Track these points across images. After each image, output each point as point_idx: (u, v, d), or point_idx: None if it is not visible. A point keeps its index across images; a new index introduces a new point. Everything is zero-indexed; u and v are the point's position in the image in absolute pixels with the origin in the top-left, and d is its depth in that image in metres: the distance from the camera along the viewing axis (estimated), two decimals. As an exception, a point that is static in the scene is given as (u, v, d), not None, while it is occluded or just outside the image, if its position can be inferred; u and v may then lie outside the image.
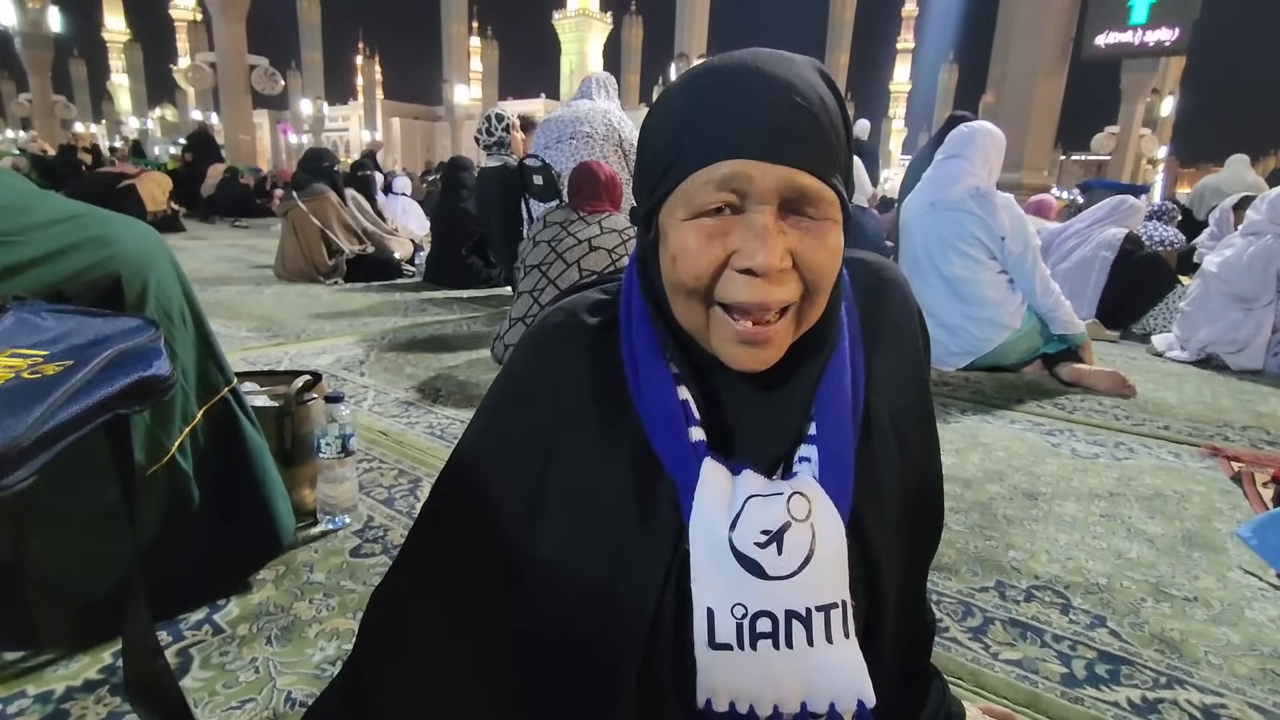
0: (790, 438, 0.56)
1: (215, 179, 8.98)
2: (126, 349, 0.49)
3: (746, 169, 0.47)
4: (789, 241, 0.49)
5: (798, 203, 0.49)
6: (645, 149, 0.55)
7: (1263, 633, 1.05)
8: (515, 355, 0.61)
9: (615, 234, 2.20)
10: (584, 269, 2.16)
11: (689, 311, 0.52)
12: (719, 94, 0.49)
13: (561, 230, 2.23)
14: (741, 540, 0.50)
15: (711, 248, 0.49)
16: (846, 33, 32.80)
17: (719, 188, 0.48)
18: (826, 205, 0.49)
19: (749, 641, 0.50)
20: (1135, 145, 19.69)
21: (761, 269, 0.47)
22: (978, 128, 2.57)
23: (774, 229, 0.48)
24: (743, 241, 0.48)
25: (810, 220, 0.49)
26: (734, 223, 0.49)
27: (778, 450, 0.56)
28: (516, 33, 51.78)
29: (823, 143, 0.49)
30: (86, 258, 0.78)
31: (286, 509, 1.10)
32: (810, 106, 0.49)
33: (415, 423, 1.84)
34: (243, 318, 3.12)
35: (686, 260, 0.50)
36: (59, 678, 0.85)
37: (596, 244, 2.17)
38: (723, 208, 0.49)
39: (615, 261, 2.17)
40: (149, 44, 42.29)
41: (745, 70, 0.49)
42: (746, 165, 0.47)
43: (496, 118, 3.81)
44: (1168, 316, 3.45)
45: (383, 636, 0.62)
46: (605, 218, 2.24)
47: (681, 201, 0.50)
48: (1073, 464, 1.73)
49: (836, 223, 0.50)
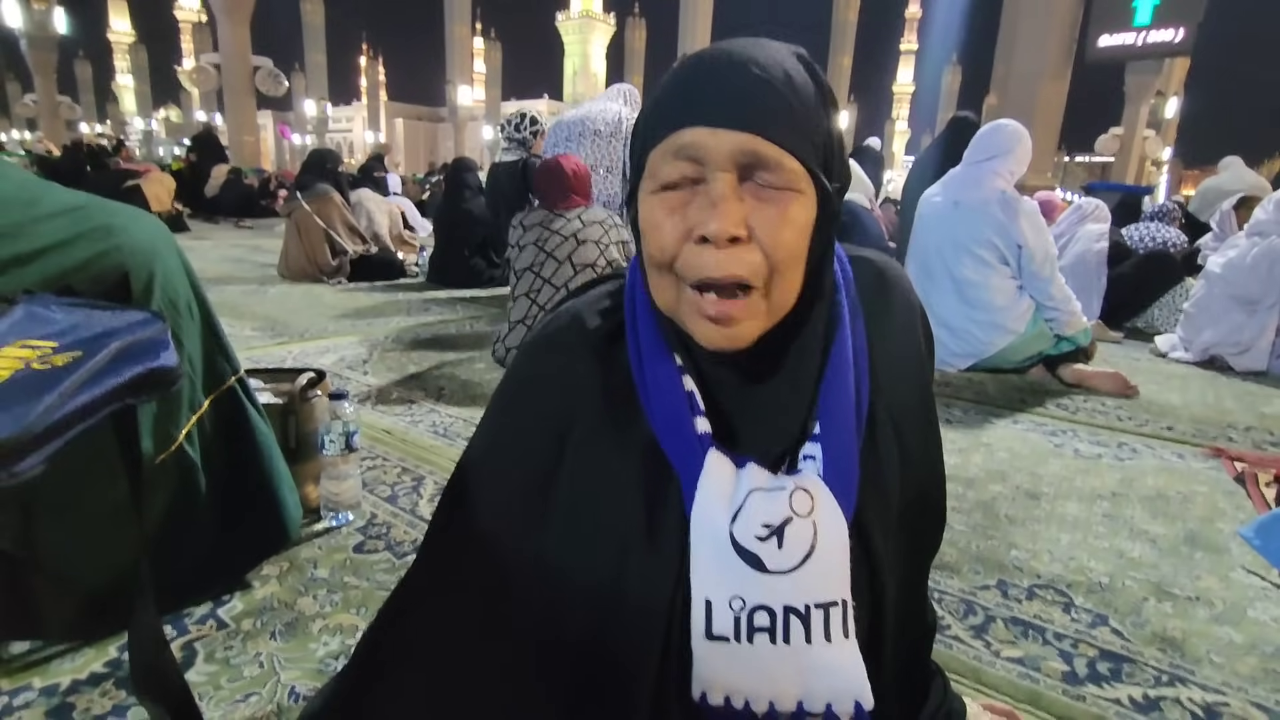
0: (794, 435, 0.55)
1: (219, 180, 9.01)
2: (134, 340, 0.49)
3: (700, 136, 0.48)
4: (746, 210, 0.49)
5: (754, 169, 0.49)
6: (631, 139, 0.57)
7: (1265, 632, 1.05)
8: (521, 358, 0.61)
9: (597, 225, 2.23)
10: (575, 263, 2.19)
11: (662, 290, 0.53)
12: (684, 74, 0.51)
13: (544, 230, 2.25)
14: (742, 533, 0.50)
15: (673, 219, 0.50)
16: (850, 34, 32.78)
17: (676, 156, 0.49)
18: (788, 174, 0.49)
19: (746, 635, 0.50)
20: (1139, 147, 19.64)
21: (714, 235, 0.48)
22: (1017, 128, 2.51)
23: (730, 196, 0.48)
24: (698, 211, 0.49)
25: (770, 190, 0.49)
26: (695, 194, 0.50)
27: (781, 447, 0.55)
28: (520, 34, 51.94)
29: (785, 114, 0.49)
30: (92, 248, 0.79)
31: (294, 500, 1.10)
32: (770, 79, 0.49)
33: (419, 421, 1.84)
34: (247, 317, 3.14)
35: (652, 233, 0.51)
36: (65, 670, 0.85)
37: (582, 237, 2.21)
38: (682, 181, 0.50)
39: (604, 251, 2.20)
40: (154, 45, 42.49)
41: (713, 52, 0.52)
42: (700, 133, 0.48)
43: (530, 119, 3.80)
44: (1171, 312, 3.45)
45: (395, 634, 0.62)
46: (582, 211, 2.27)
47: (649, 177, 0.52)
48: (1075, 464, 1.73)
49: (800, 194, 0.49)
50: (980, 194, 2.46)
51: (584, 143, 3.10)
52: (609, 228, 2.25)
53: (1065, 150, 27.77)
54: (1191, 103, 26.32)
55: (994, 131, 2.54)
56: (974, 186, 2.49)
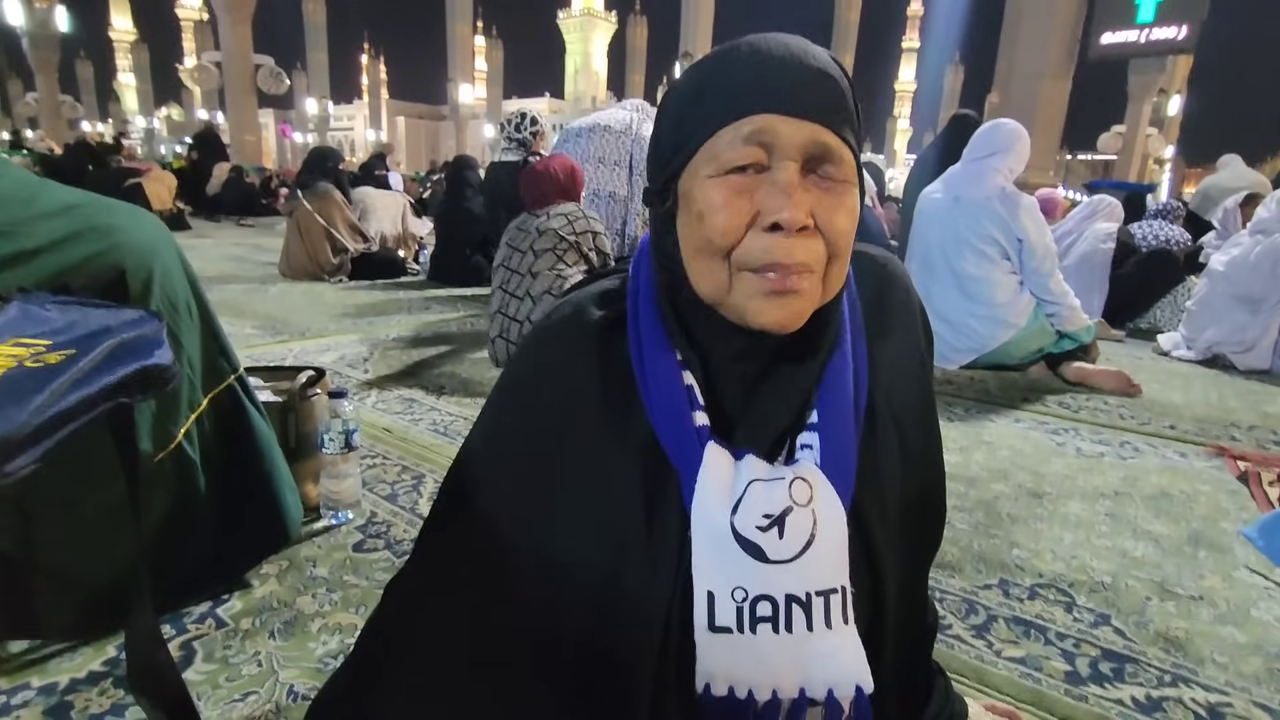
0: (792, 426, 0.56)
1: (221, 178, 9.01)
2: (129, 339, 0.49)
3: (774, 123, 0.48)
4: (811, 200, 0.50)
5: (820, 160, 0.50)
6: (662, 124, 0.56)
7: (1269, 632, 1.04)
8: (522, 350, 0.61)
9: (562, 216, 2.31)
10: (536, 250, 2.28)
11: (711, 275, 0.52)
12: (742, 58, 0.51)
13: (517, 231, 2.37)
14: (743, 524, 0.51)
15: (738, 203, 0.49)
16: (851, 32, 32.72)
17: (747, 142, 0.49)
18: (846, 166, 0.50)
19: (749, 625, 0.50)
20: (1142, 145, 19.58)
21: (788, 223, 0.48)
22: (1014, 128, 2.53)
23: (799, 185, 0.49)
24: (769, 198, 0.49)
25: (831, 180, 0.50)
26: (760, 181, 0.49)
27: (779, 438, 0.56)
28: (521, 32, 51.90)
29: (842, 104, 0.51)
30: (91, 247, 0.79)
31: (294, 499, 1.10)
32: (828, 70, 0.51)
33: (419, 419, 1.84)
34: (247, 315, 3.14)
35: (714, 216, 0.50)
36: (63, 669, 0.85)
37: (543, 228, 2.29)
38: (748, 166, 0.50)
39: (564, 238, 2.27)
40: (155, 44, 42.54)
41: (763, 40, 0.52)
42: (775, 120, 0.48)
43: (531, 120, 3.78)
44: (1175, 311, 3.44)
45: (394, 631, 0.62)
46: (554, 208, 2.35)
47: (707, 160, 0.51)
48: (1078, 463, 1.72)
49: (854, 185, 0.52)
50: (981, 190, 2.48)
51: (593, 137, 3.12)
52: (574, 219, 2.31)
53: (1067, 148, 27.72)
54: (1194, 101, 26.26)
55: (994, 129, 2.55)
56: (975, 183, 2.50)
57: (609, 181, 3.13)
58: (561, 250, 2.28)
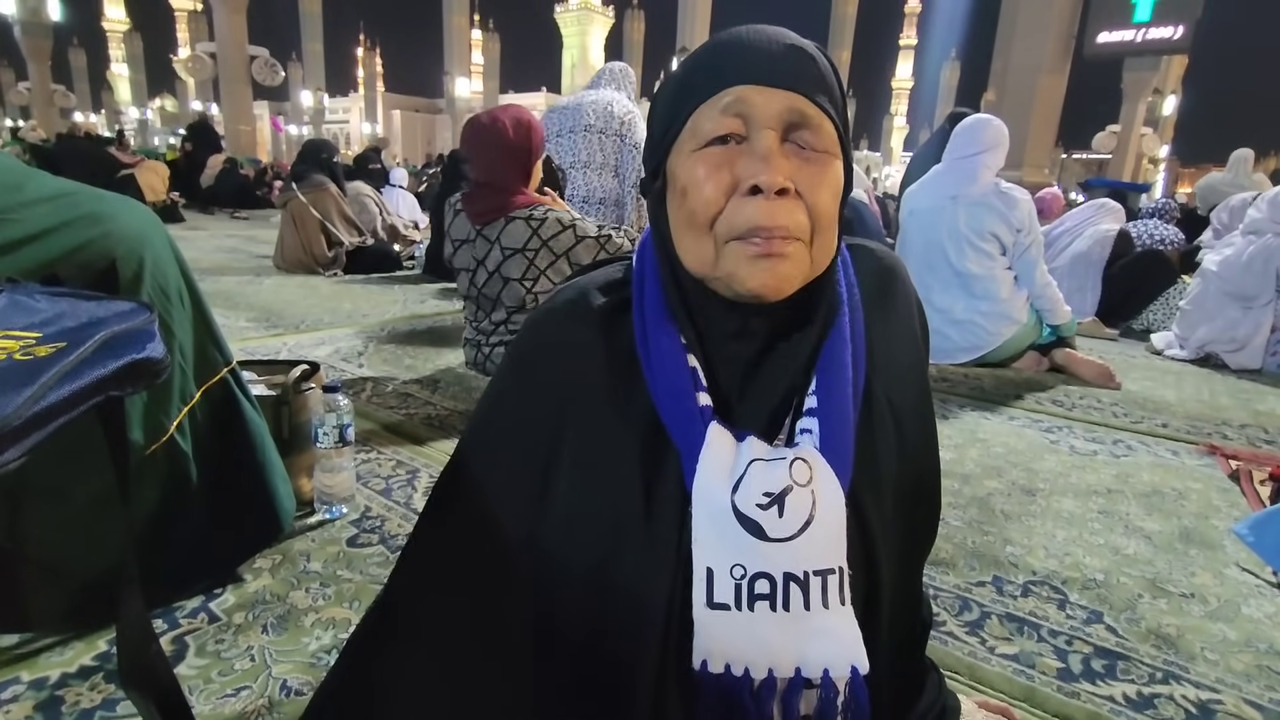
0: (791, 410, 0.56)
1: (215, 170, 8.95)
2: (120, 331, 0.48)
3: (749, 94, 0.51)
4: (791, 168, 0.51)
5: (798, 128, 0.51)
6: (652, 115, 0.58)
7: (1259, 629, 1.05)
8: (524, 332, 0.61)
9: (519, 256, 1.85)
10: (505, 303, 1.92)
11: (698, 248, 0.53)
12: (722, 44, 0.54)
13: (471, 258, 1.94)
14: (743, 501, 0.51)
15: (719, 174, 0.51)
16: (849, 28, 32.71)
17: (724, 113, 0.51)
18: (826, 137, 0.52)
19: (746, 602, 0.50)
20: (1136, 144, 19.65)
21: (767, 185, 0.49)
22: (990, 121, 2.57)
23: (777, 152, 0.51)
24: (748, 164, 0.50)
25: (812, 151, 0.52)
26: (740, 151, 0.51)
27: (778, 419, 0.56)
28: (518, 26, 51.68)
29: (821, 78, 0.53)
30: (80, 235, 0.78)
31: (287, 491, 1.10)
32: (806, 49, 0.53)
33: (414, 413, 1.83)
34: (241, 308, 3.12)
35: (696, 189, 0.52)
36: (53, 664, 0.84)
37: (505, 273, 1.87)
38: (728, 138, 0.51)
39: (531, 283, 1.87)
40: (149, 33, 42.19)
41: (744, 28, 0.54)
42: (749, 90, 0.51)
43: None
44: (1168, 312, 3.45)
45: (396, 614, 0.62)
46: (502, 231, 1.86)
47: (689, 136, 0.53)
48: (1071, 460, 1.73)
49: (836, 158, 0.53)
50: (978, 187, 2.51)
51: (575, 138, 3.01)
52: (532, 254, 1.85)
53: (1063, 147, 27.78)
54: (1189, 100, 26.35)
55: (977, 126, 2.58)
56: (969, 180, 2.53)
57: (598, 187, 3.05)
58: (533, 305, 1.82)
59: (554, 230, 1.84)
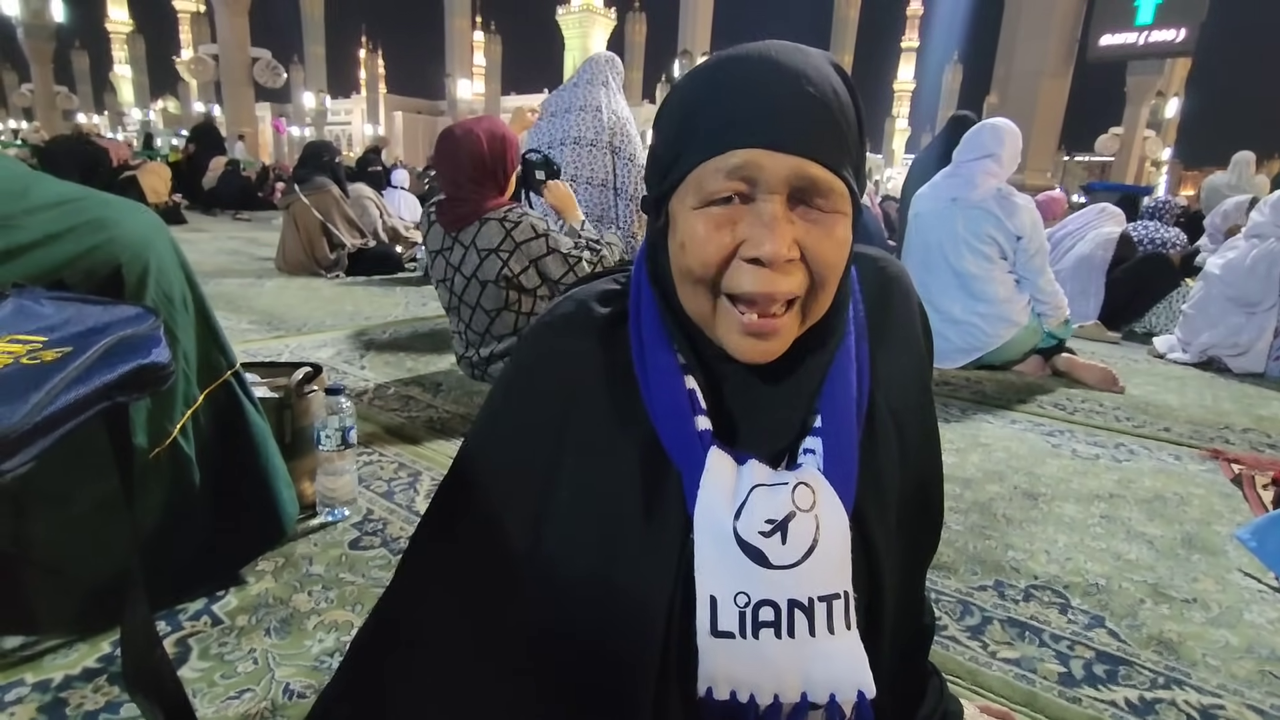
0: (795, 430, 0.56)
1: (217, 171, 8.97)
2: (126, 336, 0.49)
3: (757, 158, 0.47)
4: (797, 232, 0.49)
5: (807, 193, 0.49)
6: (658, 136, 0.55)
7: (1261, 635, 1.05)
8: (523, 345, 0.61)
9: (493, 256, 1.85)
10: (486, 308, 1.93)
11: (695, 300, 0.52)
12: (730, 83, 0.50)
13: (446, 264, 1.95)
14: (746, 529, 0.51)
15: (720, 236, 0.49)
16: (851, 31, 32.72)
17: (729, 176, 0.48)
18: (836, 197, 0.49)
19: (751, 630, 0.50)
20: (1139, 147, 19.64)
21: (769, 258, 0.48)
22: (1005, 127, 2.56)
23: (783, 218, 0.48)
24: (751, 230, 0.48)
25: (819, 212, 0.49)
26: (743, 212, 0.49)
27: (782, 442, 0.56)
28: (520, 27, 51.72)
29: (834, 133, 0.49)
30: (85, 241, 0.78)
31: (290, 495, 1.10)
32: (821, 96, 0.48)
33: (416, 416, 1.83)
34: (244, 310, 3.12)
35: (695, 248, 0.50)
36: (57, 666, 0.85)
37: (481, 276, 1.89)
38: (732, 196, 0.49)
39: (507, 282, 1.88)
40: (152, 35, 42.30)
41: (757, 60, 0.49)
42: (757, 154, 0.47)
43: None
44: (1170, 316, 3.45)
45: (394, 630, 0.62)
46: (476, 234, 1.86)
47: (692, 189, 0.50)
48: (1073, 465, 1.73)
49: (845, 215, 0.50)
50: (978, 192, 2.51)
51: (563, 151, 2.83)
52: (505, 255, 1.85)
53: (1065, 149, 27.77)
54: (1192, 103, 26.33)
55: (982, 130, 2.59)
56: (970, 184, 2.53)
57: (587, 165, 2.87)
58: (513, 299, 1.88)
59: (527, 235, 1.85)
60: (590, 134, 2.92)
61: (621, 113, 3.05)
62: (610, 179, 2.93)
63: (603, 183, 2.92)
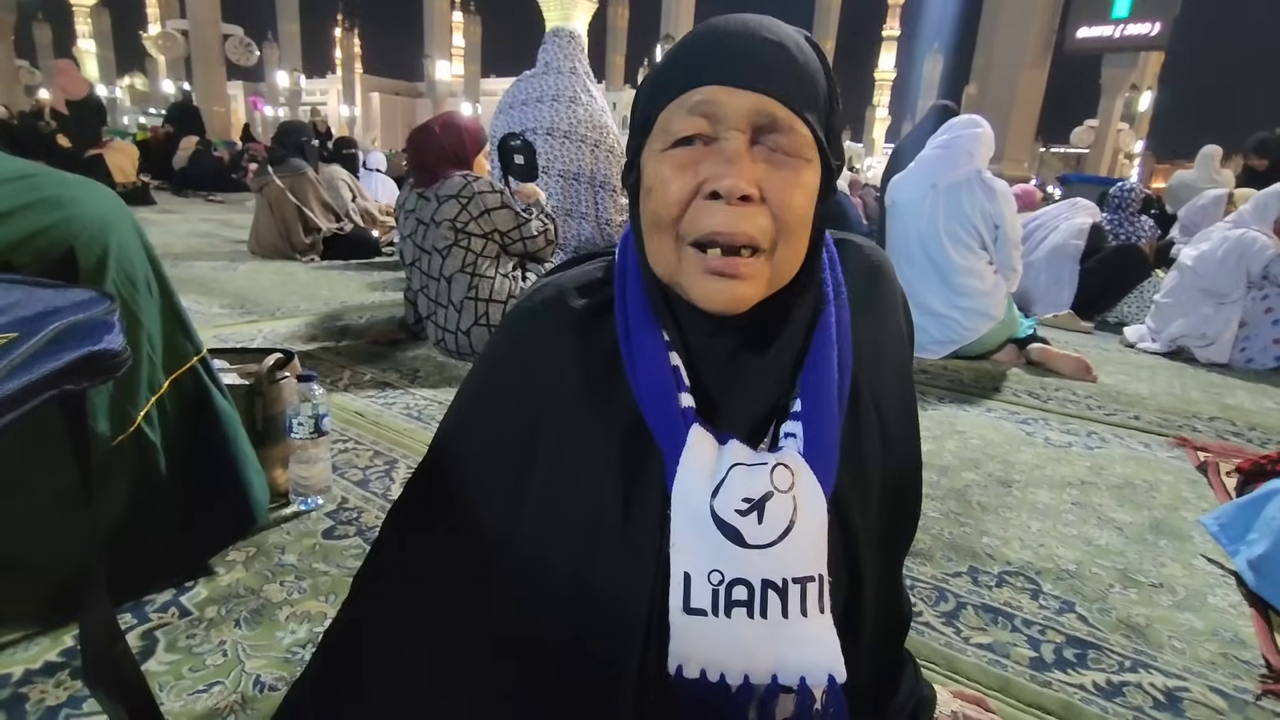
0: (776, 413, 0.56)
1: (187, 151, 8.72)
2: (76, 322, 0.46)
3: (716, 94, 0.49)
4: (759, 172, 0.49)
5: (768, 131, 0.49)
6: (635, 104, 0.56)
7: (1225, 619, 1.08)
8: (500, 329, 0.60)
9: (452, 200, 2.09)
10: (440, 250, 2.13)
11: (662, 253, 0.52)
12: (699, 37, 0.52)
13: (416, 221, 2.21)
14: (723, 507, 0.50)
15: (684, 175, 0.50)
16: (833, 18, 32.67)
17: (691, 113, 0.49)
18: (800, 140, 0.50)
19: (723, 608, 0.50)
20: (1113, 140, 19.93)
21: (728, 191, 0.48)
22: (981, 124, 2.58)
23: (744, 155, 0.49)
24: (713, 168, 0.49)
25: (783, 155, 0.50)
26: (707, 153, 0.50)
27: (760, 418, 0.56)
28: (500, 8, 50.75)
29: (795, 77, 0.50)
30: (38, 220, 0.75)
31: (260, 483, 1.07)
32: (780, 42, 0.50)
33: (392, 403, 1.81)
34: (215, 294, 3.05)
35: (660, 189, 0.51)
36: (17, 660, 0.82)
37: (439, 218, 2.12)
38: (694, 139, 0.50)
39: (460, 230, 2.10)
40: (117, 9, 40.81)
41: (726, 20, 0.52)
42: (717, 90, 0.49)
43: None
44: (1141, 305, 3.52)
45: (367, 623, 0.61)
46: (439, 186, 2.14)
47: (658, 135, 0.52)
48: (1046, 452, 1.75)
49: (810, 162, 0.51)
50: (958, 174, 2.51)
51: (535, 141, 2.77)
52: (465, 201, 2.09)
53: (1042, 141, 28.10)
54: (1165, 97, 26.77)
55: (965, 123, 2.60)
56: (949, 167, 2.53)
57: (560, 157, 2.83)
58: (465, 244, 2.09)
59: (485, 186, 2.12)
60: (565, 125, 2.87)
61: (598, 103, 3.00)
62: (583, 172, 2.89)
63: (575, 175, 2.88)
